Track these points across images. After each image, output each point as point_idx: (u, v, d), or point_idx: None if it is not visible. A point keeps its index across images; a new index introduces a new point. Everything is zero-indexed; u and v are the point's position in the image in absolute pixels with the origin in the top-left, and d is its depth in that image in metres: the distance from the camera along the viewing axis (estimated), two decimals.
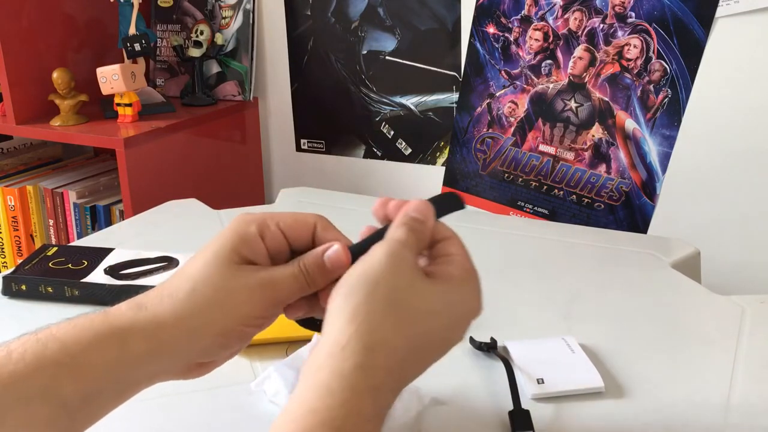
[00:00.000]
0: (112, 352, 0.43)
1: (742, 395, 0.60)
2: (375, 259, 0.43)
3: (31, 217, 1.67)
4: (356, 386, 0.39)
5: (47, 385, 0.41)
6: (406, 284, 0.42)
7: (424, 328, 0.42)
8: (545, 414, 0.57)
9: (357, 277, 0.42)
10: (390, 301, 0.41)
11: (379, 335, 0.40)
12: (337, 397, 0.38)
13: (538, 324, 0.73)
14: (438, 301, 0.43)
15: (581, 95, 1.41)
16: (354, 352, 0.39)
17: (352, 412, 0.38)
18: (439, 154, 1.63)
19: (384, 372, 0.40)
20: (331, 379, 0.39)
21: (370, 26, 1.62)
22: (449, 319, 0.44)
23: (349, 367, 0.39)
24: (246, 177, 1.81)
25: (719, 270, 1.12)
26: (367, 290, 0.42)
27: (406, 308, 0.42)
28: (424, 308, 0.42)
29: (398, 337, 0.41)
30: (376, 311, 0.41)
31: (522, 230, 1.00)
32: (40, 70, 1.57)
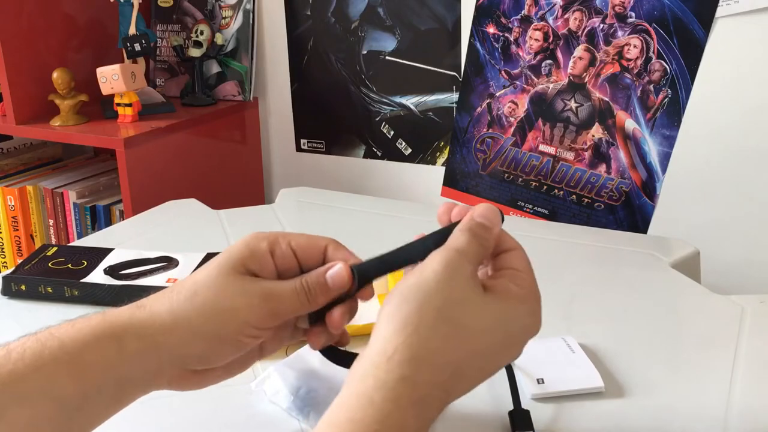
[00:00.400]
0: (109, 350, 0.43)
1: (741, 395, 0.60)
2: (430, 269, 0.42)
3: (31, 217, 1.67)
4: (400, 399, 0.38)
5: (45, 383, 0.41)
6: (461, 298, 0.41)
7: (475, 346, 0.41)
8: (545, 414, 0.57)
9: (411, 287, 0.41)
10: (442, 314, 0.40)
11: (428, 349, 0.39)
12: (378, 409, 0.37)
13: None
14: (493, 318, 0.42)
15: (581, 95, 1.41)
16: (400, 363, 0.39)
17: (394, 425, 0.37)
18: (439, 154, 1.63)
19: (430, 387, 0.39)
20: (375, 390, 0.38)
21: (370, 26, 1.62)
22: (503, 337, 0.43)
23: (393, 378, 0.38)
24: (246, 177, 1.81)
25: (719, 270, 1.12)
26: (419, 301, 0.40)
27: (459, 324, 0.41)
28: (478, 326, 0.41)
29: (448, 353, 0.40)
30: (427, 324, 0.40)
31: (522, 230, 0.99)
32: (40, 70, 1.57)
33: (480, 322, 0.41)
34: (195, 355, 0.45)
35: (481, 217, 0.44)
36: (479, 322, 0.41)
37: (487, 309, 0.42)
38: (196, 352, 0.45)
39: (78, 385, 0.42)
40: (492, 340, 0.42)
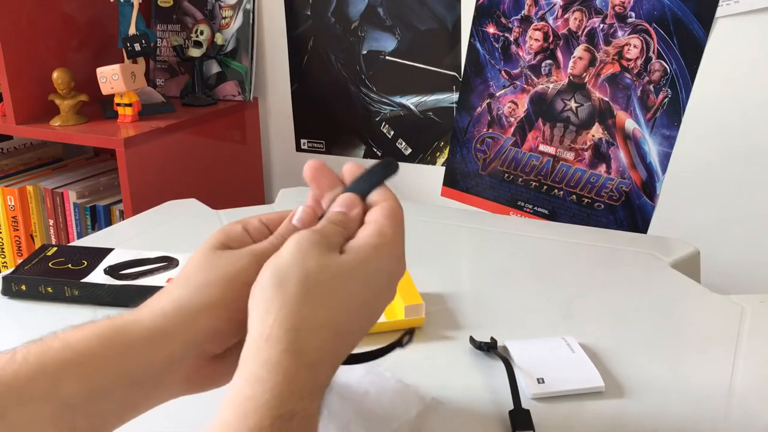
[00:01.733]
0: (115, 345, 0.43)
1: (741, 395, 0.60)
2: (283, 253, 0.44)
3: (31, 217, 1.67)
4: (287, 370, 0.39)
5: (49, 383, 0.41)
6: (316, 266, 0.43)
7: (346, 304, 0.43)
8: (545, 413, 0.57)
9: (267, 274, 0.43)
10: (303, 285, 0.42)
11: (300, 317, 0.41)
12: (267, 381, 0.38)
13: (538, 324, 0.73)
14: (347, 269, 0.44)
15: (581, 95, 1.41)
16: (278, 338, 0.40)
17: (286, 391, 0.38)
18: (439, 154, 1.63)
19: (314, 350, 0.41)
20: (260, 368, 0.39)
21: (370, 26, 1.62)
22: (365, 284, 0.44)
23: (276, 353, 0.39)
24: (246, 177, 1.81)
25: (719, 270, 1.12)
26: (277, 282, 0.42)
27: (321, 286, 0.42)
28: (338, 281, 0.43)
29: (319, 314, 0.42)
30: (291, 297, 0.41)
31: (522, 230, 1.00)
32: (40, 70, 1.57)
33: (340, 277, 0.43)
34: (203, 333, 0.44)
35: (339, 205, 0.48)
36: (340, 278, 0.43)
37: (343, 265, 0.44)
38: (204, 330, 0.44)
39: (83, 384, 0.42)
40: (356, 289, 0.44)
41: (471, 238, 0.98)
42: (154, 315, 0.44)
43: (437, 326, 0.71)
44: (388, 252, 0.46)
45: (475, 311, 0.74)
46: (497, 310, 0.75)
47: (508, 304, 0.76)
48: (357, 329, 0.45)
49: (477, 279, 0.84)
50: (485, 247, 0.94)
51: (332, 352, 0.42)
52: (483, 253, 0.93)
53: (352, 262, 0.44)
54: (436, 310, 0.74)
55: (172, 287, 0.46)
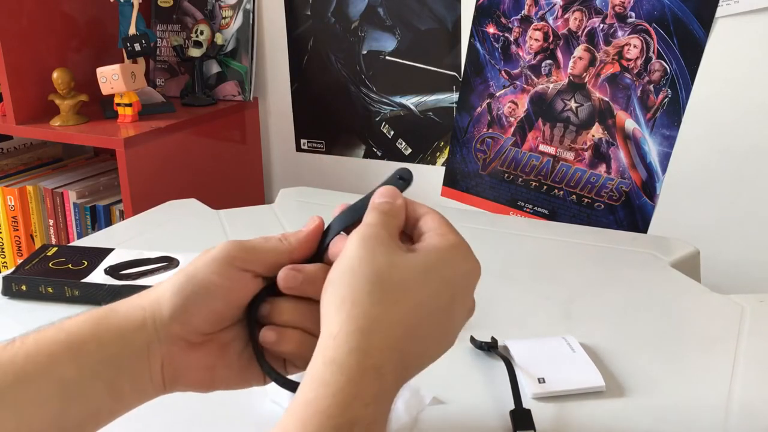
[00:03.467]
0: (103, 329, 0.44)
1: (741, 394, 0.60)
2: (350, 249, 0.43)
3: (31, 217, 1.67)
4: (350, 371, 0.38)
5: (46, 362, 0.42)
6: (386, 262, 0.42)
7: (416, 300, 0.42)
8: (546, 413, 0.57)
9: (337, 272, 0.42)
10: (373, 281, 0.41)
11: (370, 316, 0.40)
12: (329, 384, 0.37)
13: (539, 323, 0.73)
14: (421, 269, 0.42)
15: (581, 95, 1.42)
16: (347, 337, 0.39)
17: (348, 396, 0.37)
18: (439, 154, 1.63)
19: (381, 351, 0.39)
20: (324, 368, 0.38)
21: (370, 26, 1.62)
22: (443, 285, 0.43)
23: (342, 353, 0.38)
24: (246, 177, 1.81)
25: (719, 269, 1.12)
26: (348, 278, 0.41)
27: (392, 284, 0.41)
28: (410, 279, 0.42)
29: (390, 314, 0.40)
30: (361, 295, 0.40)
31: (522, 230, 1.00)
32: (40, 70, 1.57)
33: (411, 275, 0.42)
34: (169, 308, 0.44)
35: (380, 196, 0.47)
36: (411, 275, 0.42)
37: (414, 262, 0.43)
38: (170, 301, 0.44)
39: (75, 365, 0.42)
40: (430, 288, 0.42)
41: (471, 238, 0.98)
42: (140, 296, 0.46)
43: None
44: (458, 252, 0.44)
45: (475, 311, 0.74)
46: (497, 310, 0.75)
47: (508, 304, 0.77)
48: (432, 335, 0.43)
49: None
50: (485, 247, 0.94)
51: (401, 354, 0.40)
52: (483, 253, 0.93)
53: (424, 262, 0.43)
54: None
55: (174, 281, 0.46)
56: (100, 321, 0.44)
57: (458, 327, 0.45)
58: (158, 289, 0.46)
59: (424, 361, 0.43)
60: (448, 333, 0.44)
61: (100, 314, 0.45)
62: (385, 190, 0.47)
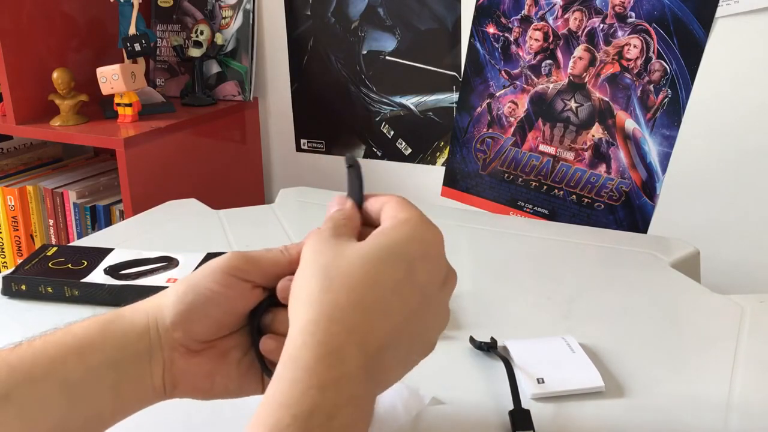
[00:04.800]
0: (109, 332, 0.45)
1: (741, 395, 0.60)
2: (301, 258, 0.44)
3: (31, 217, 1.67)
4: (305, 362, 0.38)
5: (51, 364, 0.43)
6: (331, 255, 0.42)
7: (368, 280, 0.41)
8: (545, 414, 0.57)
9: (294, 281, 0.44)
10: (318, 275, 0.42)
11: (320, 306, 0.40)
12: (286, 379, 0.38)
13: (538, 324, 0.73)
14: (369, 251, 0.42)
15: (581, 95, 1.41)
16: (300, 333, 0.40)
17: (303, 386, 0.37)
18: (439, 154, 1.63)
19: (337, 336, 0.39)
20: (281, 367, 0.39)
21: (370, 26, 1.62)
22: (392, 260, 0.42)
23: (296, 348, 0.39)
24: (246, 177, 1.81)
25: (719, 270, 1.12)
26: (299, 283, 0.43)
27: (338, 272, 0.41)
28: (357, 263, 0.42)
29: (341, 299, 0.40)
30: (310, 291, 0.41)
31: (522, 230, 1.00)
32: (40, 70, 1.57)
33: (359, 260, 0.42)
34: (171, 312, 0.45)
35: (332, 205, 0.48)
36: (358, 260, 0.42)
37: (361, 248, 0.43)
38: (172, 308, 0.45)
39: (80, 367, 0.43)
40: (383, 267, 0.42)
41: (471, 237, 0.98)
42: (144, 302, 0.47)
43: None
44: (408, 225, 0.44)
45: (475, 311, 0.74)
46: (497, 310, 0.75)
47: (508, 304, 0.76)
48: (397, 308, 0.42)
49: (477, 279, 0.84)
50: (485, 247, 0.94)
51: (363, 335, 0.40)
52: (483, 253, 0.93)
53: (371, 245, 0.43)
54: None
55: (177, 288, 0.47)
56: (107, 325, 0.45)
57: (438, 298, 0.44)
58: (162, 295, 0.47)
59: (413, 339, 0.43)
60: (428, 306, 0.43)
61: (107, 318, 0.46)
62: (335, 199, 0.49)
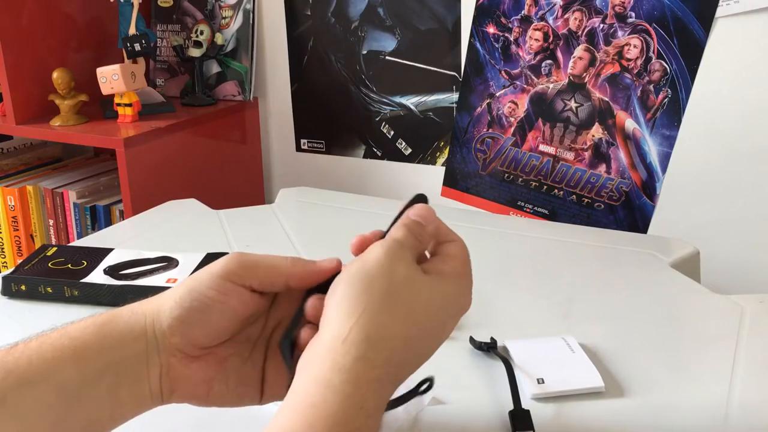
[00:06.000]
0: (106, 336, 0.44)
1: (741, 395, 0.60)
2: (372, 255, 0.44)
3: (31, 217, 1.67)
4: (358, 380, 0.38)
5: (47, 368, 0.42)
6: (403, 278, 0.43)
7: (420, 320, 0.43)
8: (545, 414, 0.57)
9: (355, 273, 0.43)
10: (388, 294, 0.42)
11: (380, 327, 0.41)
12: (338, 391, 0.38)
13: (538, 324, 0.73)
14: (433, 294, 0.44)
15: (581, 95, 1.41)
16: (355, 344, 0.39)
17: (355, 406, 0.38)
18: (439, 154, 1.63)
19: (385, 364, 0.40)
20: (333, 373, 0.38)
21: (370, 26, 1.62)
22: (443, 311, 0.45)
23: (350, 360, 0.39)
24: (246, 177, 1.81)
25: (719, 270, 1.12)
26: (365, 284, 0.42)
27: (404, 300, 0.42)
28: (421, 300, 0.43)
29: (397, 329, 0.41)
30: (375, 304, 0.41)
31: (522, 230, 1.00)
32: (40, 70, 1.57)
33: (423, 298, 0.44)
34: (169, 317, 0.45)
35: (415, 215, 0.47)
36: (423, 298, 0.44)
37: (428, 287, 0.44)
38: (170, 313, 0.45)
39: (77, 371, 0.42)
40: (435, 315, 0.44)
41: (471, 238, 0.98)
42: (143, 304, 0.46)
43: None
44: (465, 285, 0.47)
45: (475, 311, 0.74)
46: (497, 310, 0.75)
47: (508, 304, 0.76)
48: (423, 350, 0.44)
49: (477, 279, 0.84)
50: (485, 247, 0.94)
51: (398, 368, 0.42)
52: (483, 253, 0.93)
53: (434, 284, 0.44)
54: None
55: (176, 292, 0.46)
56: (103, 326, 0.45)
57: (442, 342, 0.47)
58: (161, 298, 0.46)
59: (411, 371, 0.45)
60: (431, 352, 0.46)
61: (104, 319, 0.45)
62: (421, 209, 0.48)
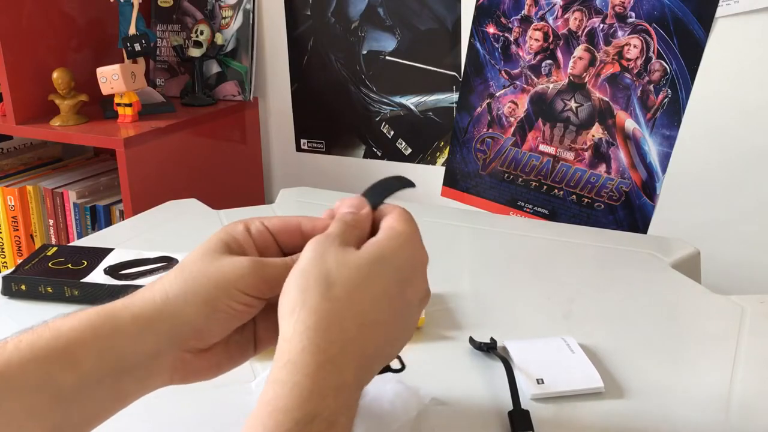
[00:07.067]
0: (104, 335, 0.43)
1: (742, 395, 0.60)
2: (303, 254, 0.44)
3: (31, 217, 1.67)
4: (305, 367, 0.39)
5: (41, 374, 0.41)
6: (334, 263, 0.43)
7: (366, 293, 0.43)
8: (545, 414, 0.57)
9: (291, 275, 0.43)
10: (321, 281, 0.42)
11: (321, 312, 0.41)
12: (287, 383, 0.38)
13: (538, 324, 0.73)
14: (367, 262, 0.44)
15: (581, 95, 1.41)
16: (299, 337, 0.40)
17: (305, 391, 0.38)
18: (439, 154, 1.63)
19: (336, 344, 0.40)
20: (280, 370, 0.39)
21: (370, 26, 1.62)
22: (389, 274, 0.44)
23: (296, 352, 0.39)
24: (246, 177, 1.81)
25: (719, 270, 1.12)
26: (300, 280, 0.43)
27: (340, 280, 0.42)
28: (358, 274, 0.43)
29: (341, 308, 0.41)
30: (311, 295, 0.42)
31: (522, 230, 1.00)
32: (40, 70, 1.57)
33: (360, 271, 0.43)
34: (189, 326, 0.45)
35: (347, 206, 0.48)
36: (359, 271, 0.43)
37: (362, 258, 0.44)
38: (191, 324, 0.45)
39: (74, 374, 0.42)
40: (381, 281, 0.44)
41: (471, 238, 0.98)
42: (144, 302, 0.45)
43: (437, 326, 0.71)
44: (403, 241, 0.46)
45: (475, 311, 0.74)
46: (497, 310, 0.75)
47: (508, 304, 0.76)
48: (389, 324, 0.44)
49: (477, 279, 0.84)
50: (485, 247, 0.94)
51: (360, 346, 0.42)
52: (483, 253, 0.93)
53: (369, 255, 0.44)
54: (436, 310, 0.74)
55: (167, 278, 0.46)
56: (101, 327, 0.44)
57: (415, 315, 0.46)
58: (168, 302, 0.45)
59: (386, 350, 0.45)
60: (406, 321, 0.45)
61: (101, 321, 0.44)
62: (351, 200, 0.49)
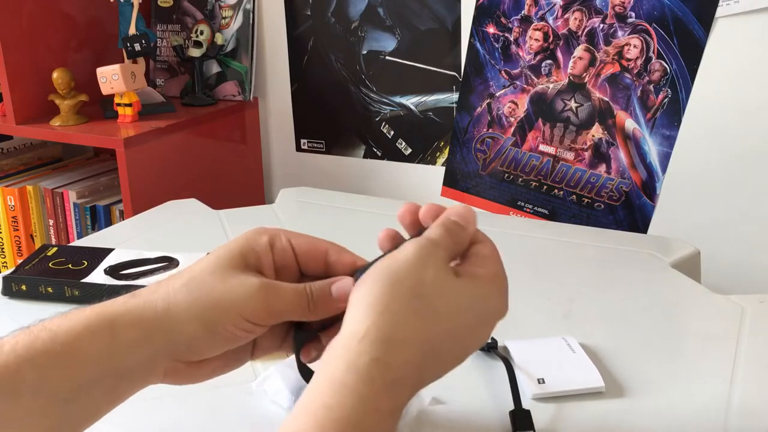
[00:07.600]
0: (102, 340, 0.42)
1: (742, 395, 0.60)
2: (403, 253, 0.42)
3: (31, 217, 1.67)
4: (373, 381, 0.37)
5: (38, 377, 0.41)
6: (433, 280, 0.41)
7: (448, 325, 0.41)
8: (546, 414, 0.57)
9: (383, 269, 0.41)
10: (414, 294, 0.40)
11: (400, 328, 0.39)
12: (352, 393, 0.37)
13: (539, 324, 0.73)
14: (465, 299, 0.42)
15: (581, 95, 1.41)
16: (371, 344, 0.38)
17: (368, 408, 0.37)
18: (439, 154, 1.63)
19: (403, 367, 0.39)
20: (346, 373, 0.37)
21: (370, 26, 1.62)
22: (475, 318, 0.43)
23: (365, 361, 0.37)
24: (246, 177, 1.81)
25: (719, 270, 1.12)
26: (390, 281, 0.40)
27: (431, 303, 0.40)
28: (451, 305, 0.41)
29: (420, 332, 0.40)
30: (398, 303, 0.39)
31: (522, 230, 1.00)
32: (40, 70, 1.57)
33: (452, 301, 0.41)
34: (187, 343, 0.43)
35: (456, 215, 0.45)
36: (452, 301, 0.41)
37: (458, 289, 0.42)
38: (188, 341, 0.43)
39: (71, 378, 0.41)
40: (465, 320, 0.42)
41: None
42: (145, 308, 0.43)
43: None
44: (497, 288, 0.44)
45: None
46: None
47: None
48: (446, 356, 0.42)
49: None
50: None
51: (420, 372, 0.40)
52: None
53: (466, 288, 0.42)
54: None
55: (172, 283, 0.44)
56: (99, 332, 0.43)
57: (473, 349, 0.45)
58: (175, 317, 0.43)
59: (435, 377, 0.43)
60: (461, 358, 0.44)
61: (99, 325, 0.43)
62: (462, 210, 0.45)
